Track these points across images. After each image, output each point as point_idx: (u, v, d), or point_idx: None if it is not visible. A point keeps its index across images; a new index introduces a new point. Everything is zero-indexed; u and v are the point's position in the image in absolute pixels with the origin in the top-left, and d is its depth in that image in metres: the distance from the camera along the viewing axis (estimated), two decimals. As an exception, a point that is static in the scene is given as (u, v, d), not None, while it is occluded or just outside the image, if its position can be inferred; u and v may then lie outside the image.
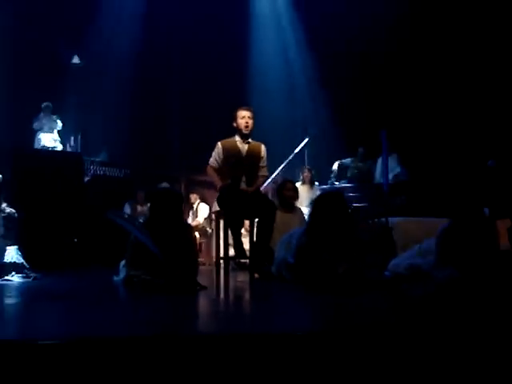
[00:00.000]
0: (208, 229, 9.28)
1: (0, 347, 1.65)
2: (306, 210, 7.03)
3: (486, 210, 5.29)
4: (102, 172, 9.13)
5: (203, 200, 9.58)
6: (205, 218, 9.40)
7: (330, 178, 9.04)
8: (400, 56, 9.83)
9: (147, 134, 10.40)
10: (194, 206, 9.53)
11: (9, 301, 3.37)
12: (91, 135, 9.58)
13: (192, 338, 1.85)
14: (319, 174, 9.13)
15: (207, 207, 9.31)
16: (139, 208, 9.08)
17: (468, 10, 9.23)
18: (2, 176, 5.34)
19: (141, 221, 4.25)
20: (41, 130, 9.39)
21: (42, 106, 9.34)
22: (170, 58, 10.97)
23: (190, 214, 9.61)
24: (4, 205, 4.99)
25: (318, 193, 8.66)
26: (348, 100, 10.11)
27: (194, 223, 8.97)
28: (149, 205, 4.65)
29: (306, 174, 8.82)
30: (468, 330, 2.03)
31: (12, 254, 4.81)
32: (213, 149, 5.98)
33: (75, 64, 9.62)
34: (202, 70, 10.59)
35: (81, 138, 9.12)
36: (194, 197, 9.56)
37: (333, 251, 4.27)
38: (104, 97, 10.14)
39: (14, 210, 5.06)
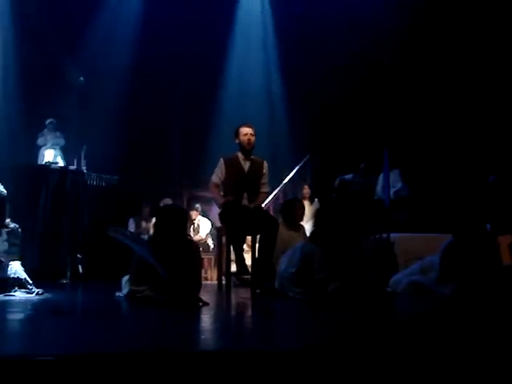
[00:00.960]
0: (210, 244, 9.25)
1: (3, 363, 1.67)
2: (307, 226, 7.05)
3: (488, 226, 5.31)
4: (104, 187, 9.17)
5: (204, 215, 9.54)
6: (206, 234, 9.36)
7: (331, 194, 9.05)
8: (402, 72, 9.87)
9: (149, 149, 10.43)
10: (195, 221, 9.49)
11: (12, 316, 3.38)
12: (93, 151, 9.63)
13: (193, 355, 1.86)
14: (320, 190, 9.14)
15: (209, 222, 9.27)
16: (144, 224, 9.07)
17: (470, 25, 9.25)
18: (6, 191, 5.36)
19: (145, 237, 4.28)
20: (45, 146, 9.46)
21: (46, 122, 9.41)
22: (171, 73, 11.00)
23: (191, 229, 9.57)
24: (8, 220, 5.01)
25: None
26: (350, 116, 10.16)
27: (196, 238, 8.94)
28: (153, 221, 4.67)
29: (306, 190, 8.84)
30: (468, 346, 2.05)
31: (15, 268, 4.82)
32: (214, 164, 6.02)
33: (78, 81, 9.68)
34: (202, 85, 10.64)
35: (84, 153, 9.15)
36: (194, 213, 9.52)
37: (336, 258, 4.31)
38: (105, 113, 10.20)
39: (17, 225, 5.08)
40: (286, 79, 11.21)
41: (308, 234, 6.35)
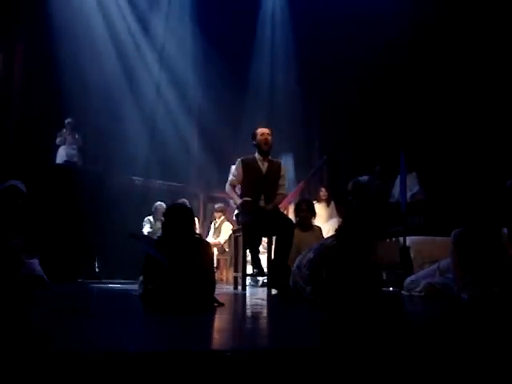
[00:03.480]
0: (226, 249, 9.19)
1: (22, 361, 1.69)
2: (325, 228, 7.05)
3: (505, 231, 5.26)
4: (121, 186, 9.22)
5: (228, 219, 9.35)
6: (225, 240, 9.24)
7: (347, 197, 9.04)
8: (419, 74, 9.83)
9: (167, 150, 10.47)
10: (218, 221, 9.44)
11: (30, 314, 3.42)
12: (111, 151, 9.71)
13: (208, 355, 1.87)
14: (337, 192, 9.13)
15: (230, 227, 9.00)
16: (159, 224, 9.08)
17: (493, 28, 9.16)
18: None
19: (155, 237, 4.28)
20: (63, 145, 9.55)
21: (65, 122, 9.50)
22: (190, 75, 11.06)
23: (212, 228, 9.52)
24: (28, 218, 5.07)
25: (335, 211, 8.69)
26: (367, 119, 10.14)
27: (214, 242, 8.89)
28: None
29: (323, 192, 8.84)
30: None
31: (34, 266, 4.87)
32: (232, 165, 6.05)
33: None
34: (220, 87, 10.67)
35: (103, 153, 9.24)
36: (218, 215, 9.47)
37: (352, 261, 4.32)
38: (123, 112, 10.28)
39: (37, 224, 5.13)
40: (303, 81, 11.20)
41: (325, 234, 6.37)
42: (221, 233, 9.24)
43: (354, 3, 10.16)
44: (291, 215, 7.42)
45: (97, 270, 8.04)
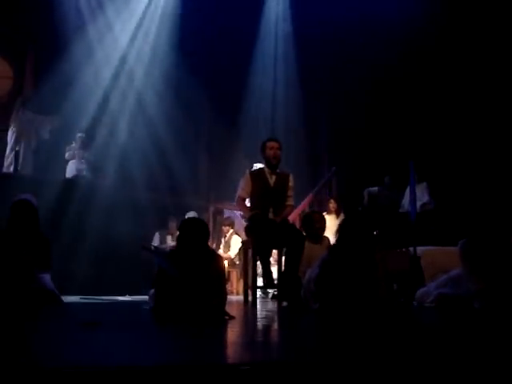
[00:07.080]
0: (237, 261, 9.18)
1: (33, 375, 1.70)
2: (334, 240, 7.01)
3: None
4: (131, 201, 9.24)
5: (236, 232, 9.37)
6: (236, 254, 9.22)
7: (358, 208, 9.02)
8: (428, 84, 9.82)
9: (175, 163, 10.50)
10: (227, 235, 9.42)
11: (42, 328, 3.43)
12: (121, 165, 9.74)
13: (220, 368, 1.88)
14: (346, 204, 9.12)
15: (239, 240, 8.96)
16: (169, 238, 9.08)
17: (498, 37, 9.15)
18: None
19: (167, 250, 4.31)
20: (72, 159, 9.61)
21: (77, 136, 9.57)
22: (199, 86, 11.10)
23: (223, 241, 9.52)
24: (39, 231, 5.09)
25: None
26: (376, 129, 10.12)
27: (225, 256, 8.87)
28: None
29: (332, 204, 8.81)
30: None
31: (45, 280, 4.88)
32: (240, 178, 6.07)
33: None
34: (229, 100, 10.71)
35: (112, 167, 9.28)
36: (226, 229, 9.46)
37: (354, 275, 4.28)
38: (132, 126, 10.34)
39: (48, 237, 5.15)
40: (309, 91, 11.21)
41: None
42: (231, 247, 9.24)
43: (361, 12, 10.16)
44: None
45: (106, 283, 8.04)
